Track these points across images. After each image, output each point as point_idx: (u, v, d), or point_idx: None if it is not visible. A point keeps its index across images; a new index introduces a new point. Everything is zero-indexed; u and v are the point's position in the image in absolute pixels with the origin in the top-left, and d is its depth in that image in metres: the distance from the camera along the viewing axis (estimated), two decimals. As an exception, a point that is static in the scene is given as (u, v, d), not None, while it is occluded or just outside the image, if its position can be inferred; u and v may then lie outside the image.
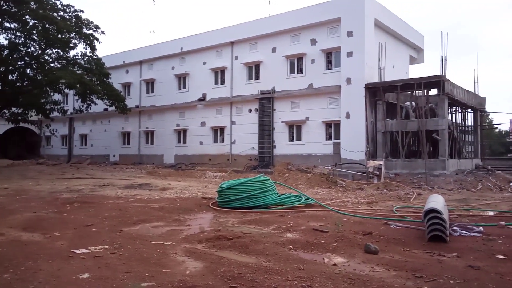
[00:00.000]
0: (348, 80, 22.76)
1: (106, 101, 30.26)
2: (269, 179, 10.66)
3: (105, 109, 35.10)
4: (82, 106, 30.45)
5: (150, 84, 34.75)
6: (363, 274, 4.67)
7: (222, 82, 29.44)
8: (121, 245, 6.03)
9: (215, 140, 29.81)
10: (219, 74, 29.72)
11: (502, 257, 5.52)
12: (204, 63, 30.35)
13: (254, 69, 27.76)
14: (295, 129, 25.67)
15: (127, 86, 36.37)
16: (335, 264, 5.10)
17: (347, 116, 22.71)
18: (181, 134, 32.21)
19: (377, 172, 18.21)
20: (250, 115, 27.58)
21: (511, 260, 5.38)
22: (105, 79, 29.70)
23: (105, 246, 5.97)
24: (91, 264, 5.06)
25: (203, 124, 30.43)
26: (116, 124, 36.96)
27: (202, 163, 28.65)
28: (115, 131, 37.06)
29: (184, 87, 32.01)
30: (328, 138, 24.13)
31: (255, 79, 27.60)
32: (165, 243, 6.24)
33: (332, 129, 24.06)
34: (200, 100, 30.46)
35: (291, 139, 25.75)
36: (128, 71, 36.34)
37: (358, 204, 11.22)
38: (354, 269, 4.88)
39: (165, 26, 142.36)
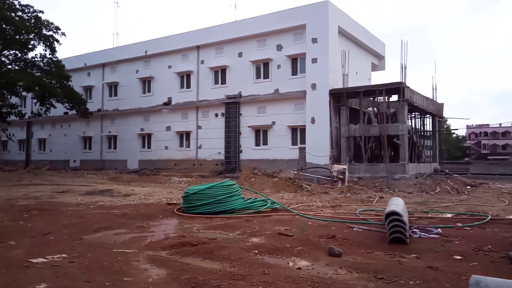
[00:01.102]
0: (313, 86, 23.14)
1: (66, 104, 29.40)
2: (235, 184, 10.62)
3: (65, 113, 34.03)
4: (41, 109, 29.39)
5: (113, 88, 33.95)
6: (327, 277, 4.73)
7: (188, 86, 29.19)
8: (80, 254, 5.83)
9: (181, 145, 29.48)
10: (185, 78, 29.46)
11: (459, 257, 5.74)
12: (170, 66, 30.00)
13: (220, 74, 27.71)
14: (261, 134, 25.79)
15: (88, 89, 35.39)
16: (299, 268, 5.13)
17: (312, 121, 23.06)
18: (146, 139, 31.63)
19: (341, 176, 18.55)
20: (216, 119, 27.48)
21: (467, 260, 5.59)
22: (65, 81, 28.84)
23: (64, 255, 5.74)
24: (48, 273, 4.85)
25: (168, 128, 30.03)
26: (76, 128, 35.84)
27: (167, 168, 28.22)
28: (75, 135, 35.94)
29: (149, 91, 31.49)
30: (294, 142, 24.40)
31: (221, 84, 27.54)
32: (127, 250, 6.08)
33: (297, 134, 24.35)
34: (165, 104, 30.05)
35: (257, 144, 25.84)
36: (90, 73, 35.38)
37: (323, 208, 11.37)
38: (318, 272, 4.93)
39: (129, 29, 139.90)
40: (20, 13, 26.52)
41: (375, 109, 22.64)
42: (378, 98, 22.52)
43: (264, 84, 25.58)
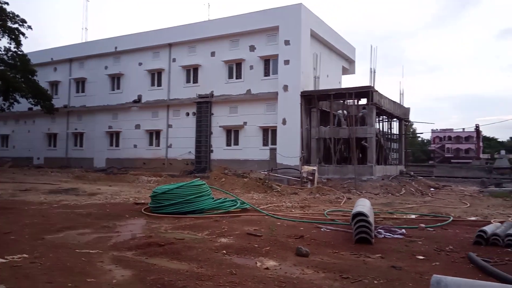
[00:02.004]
0: (285, 87, 23.31)
1: (30, 99, 28.46)
2: (205, 184, 10.54)
3: (30, 109, 32.88)
4: (4, 104, 28.36)
5: (80, 83, 33.05)
6: (294, 277, 4.77)
7: (159, 84, 28.78)
8: (42, 254, 5.63)
9: (150, 144, 29.03)
10: (156, 76, 29.03)
11: (421, 257, 5.91)
12: (140, 64, 29.48)
13: (192, 73, 27.47)
14: (232, 134, 25.74)
15: (55, 84, 34.32)
16: (267, 268, 5.14)
17: (284, 122, 23.22)
18: (114, 137, 30.95)
19: (311, 177, 18.77)
20: (187, 118, 27.23)
21: (429, 260, 5.77)
22: (30, 76, 27.93)
23: (25, 255, 5.53)
24: (7, 274, 4.65)
25: (137, 126, 29.50)
26: (41, 124, 34.67)
27: (136, 167, 27.72)
28: (40, 132, 34.76)
29: (118, 88, 30.84)
30: (265, 143, 24.48)
31: (193, 83, 27.32)
32: (91, 251, 5.92)
33: (269, 134, 24.46)
34: (135, 102, 29.51)
35: (228, 144, 25.78)
36: (56, 68, 34.32)
37: (292, 208, 11.47)
38: (285, 272, 4.96)
39: (99, 24, 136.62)
40: (-18, 4, 25.47)
41: (344, 111, 23.04)
42: (348, 101, 22.93)
43: (236, 84, 25.55)
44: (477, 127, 53.86)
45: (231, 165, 23.37)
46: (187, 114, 27.31)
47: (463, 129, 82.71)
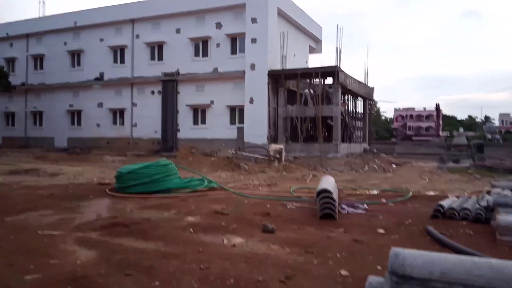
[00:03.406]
0: (252, 66, 23.17)
1: (-16, 77, 26.91)
2: (171, 163, 10.42)
3: (-16, 86, 31.13)
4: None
5: (38, 60, 31.56)
6: (260, 253, 4.85)
7: (122, 62, 27.90)
8: (2, 236, 5.46)
9: (114, 123, 28.32)
10: (119, 53, 28.10)
11: (382, 231, 6.14)
12: (102, 40, 28.40)
13: (157, 50, 26.77)
14: (199, 113, 25.49)
15: (11, 61, 32.60)
16: (234, 245, 5.20)
17: (251, 101, 23.18)
18: (75, 116, 29.96)
19: (278, 156, 18.97)
20: (153, 97, 26.66)
21: (389, 233, 6.00)
22: (-17, 52, 26.31)
23: (-18, 239, 5.34)
24: (-36, 259, 4.48)
25: (100, 105, 28.63)
26: (-3, 103, 33.03)
27: (100, 147, 27.03)
28: (-4, 111, 33.12)
29: (79, 65, 29.68)
30: (233, 122, 24.43)
31: (158, 60, 26.66)
32: (54, 232, 5.77)
33: (236, 113, 24.38)
34: (97, 79, 28.54)
35: (195, 123, 25.54)
36: (12, 44, 32.55)
37: (259, 186, 11.58)
38: (252, 249, 5.04)
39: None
40: None
41: (311, 91, 23.25)
42: (315, 80, 23.11)
43: (203, 62, 25.15)
44: (437, 106, 55.80)
45: (199, 144, 23.22)
46: (152, 92, 26.72)
47: (424, 108, 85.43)
